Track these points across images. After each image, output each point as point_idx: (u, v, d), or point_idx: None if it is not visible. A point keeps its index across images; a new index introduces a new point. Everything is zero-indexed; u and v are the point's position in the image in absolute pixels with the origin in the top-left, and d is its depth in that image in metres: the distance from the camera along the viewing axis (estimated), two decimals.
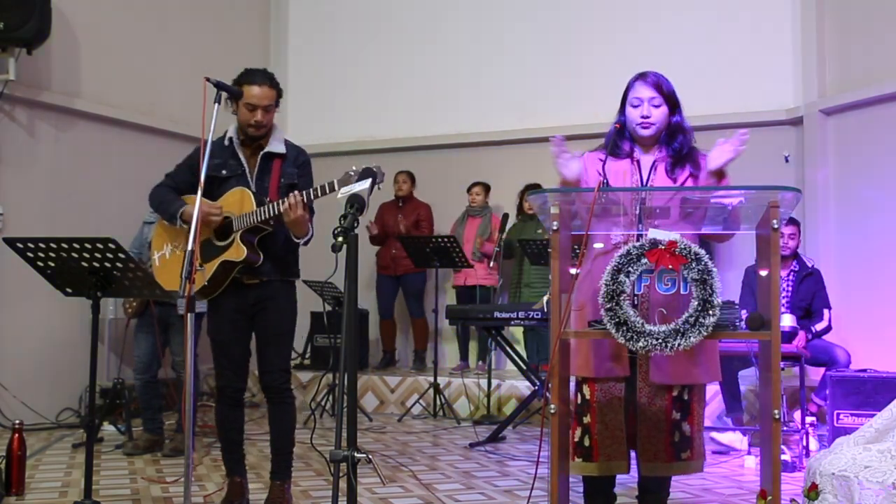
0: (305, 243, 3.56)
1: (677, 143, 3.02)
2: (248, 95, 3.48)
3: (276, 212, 3.40)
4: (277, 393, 3.64)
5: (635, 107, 3.00)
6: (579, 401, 3.03)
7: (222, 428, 3.71)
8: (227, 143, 3.61)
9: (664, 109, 3.00)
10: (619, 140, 3.05)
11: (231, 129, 3.64)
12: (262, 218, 3.43)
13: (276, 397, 3.65)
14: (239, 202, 3.49)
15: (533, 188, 5.07)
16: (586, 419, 3.00)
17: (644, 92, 2.98)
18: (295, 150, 3.68)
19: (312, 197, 3.38)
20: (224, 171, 3.56)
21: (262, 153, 3.59)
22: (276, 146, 3.61)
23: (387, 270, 7.56)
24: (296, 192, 3.40)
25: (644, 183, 3.01)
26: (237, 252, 3.46)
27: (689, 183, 2.98)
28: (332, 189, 3.30)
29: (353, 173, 3.23)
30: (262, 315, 3.60)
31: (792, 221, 5.48)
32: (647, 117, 2.98)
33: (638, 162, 3.04)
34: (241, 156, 3.59)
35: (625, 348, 2.91)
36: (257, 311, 3.60)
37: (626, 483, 3.66)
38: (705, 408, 3.12)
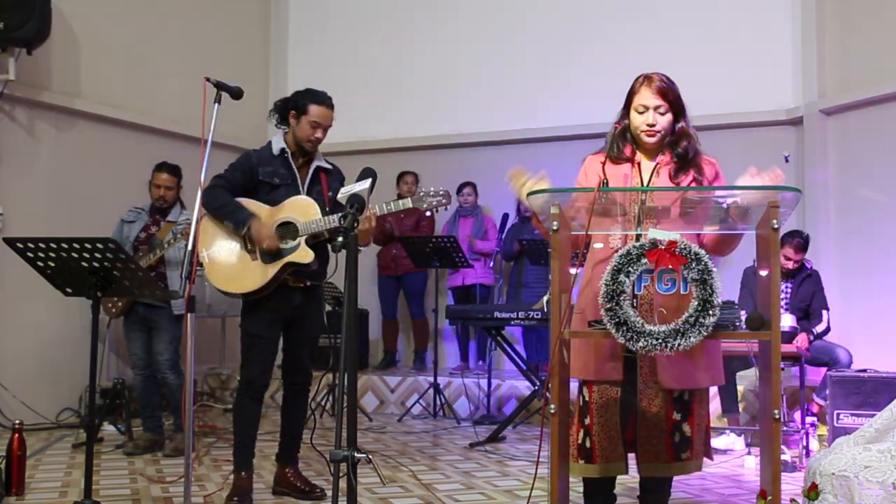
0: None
1: (682, 149, 2.98)
2: (316, 114, 3.79)
3: (338, 224, 3.57)
4: (305, 389, 3.97)
5: (640, 113, 2.95)
6: (581, 402, 3.03)
7: (241, 421, 3.80)
8: (276, 152, 3.82)
9: (669, 117, 2.96)
10: (621, 143, 3.01)
11: (277, 139, 3.86)
12: (331, 226, 3.61)
13: (302, 392, 3.96)
14: (303, 208, 3.72)
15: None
16: (587, 421, 3.00)
17: (650, 100, 2.92)
18: (336, 167, 4.02)
19: (385, 211, 3.65)
20: (276, 179, 3.78)
21: (314, 167, 3.87)
22: (323, 162, 3.95)
23: (387, 271, 7.55)
24: (371, 205, 3.57)
25: (644, 186, 2.98)
26: (304, 255, 3.67)
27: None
28: (406, 206, 3.69)
29: (430, 192, 3.66)
30: (303, 319, 3.85)
31: (802, 248, 5.47)
32: (653, 125, 2.94)
33: (639, 165, 3.01)
34: (293, 167, 3.83)
35: (620, 351, 2.91)
36: (297, 315, 3.82)
37: (627, 483, 3.66)
38: (708, 408, 3.10)
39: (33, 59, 5.97)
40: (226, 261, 3.72)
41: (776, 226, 2.59)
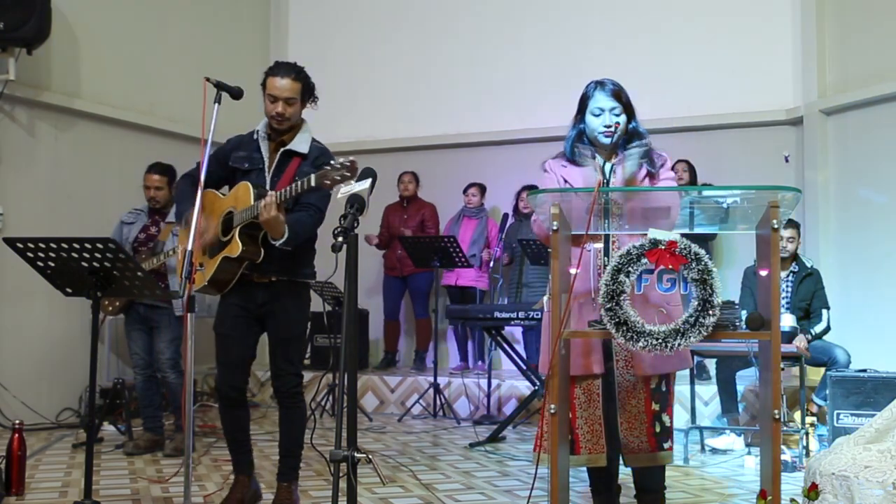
0: (285, 245, 3.39)
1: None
2: (270, 87, 3.48)
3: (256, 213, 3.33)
4: (287, 397, 3.62)
5: (597, 115, 3.12)
6: None
7: (225, 427, 3.69)
8: (254, 136, 3.60)
9: (624, 118, 3.12)
10: (580, 146, 3.16)
11: (261, 122, 3.62)
12: (254, 214, 3.35)
13: (287, 401, 3.63)
14: (241, 196, 3.45)
15: (531, 188, 5.09)
16: (569, 414, 3.05)
17: (605, 102, 3.11)
18: (318, 150, 3.57)
19: (286, 196, 3.30)
20: (247, 165, 3.54)
21: (282, 150, 3.55)
22: (298, 145, 3.55)
23: (394, 272, 7.56)
24: (271, 192, 3.33)
25: (606, 185, 3.09)
26: (233, 249, 3.38)
27: (647, 181, 3.09)
28: (308, 186, 3.23)
29: (331, 167, 3.16)
30: (271, 318, 3.57)
31: (792, 224, 5.47)
32: (610, 126, 3.10)
33: (601, 167, 3.14)
34: (262, 150, 3.57)
35: (599, 346, 3.01)
36: (266, 313, 3.56)
37: (625, 483, 3.66)
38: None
39: (33, 59, 5.97)
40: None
41: (776, 226, 2.60)
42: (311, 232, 3.55)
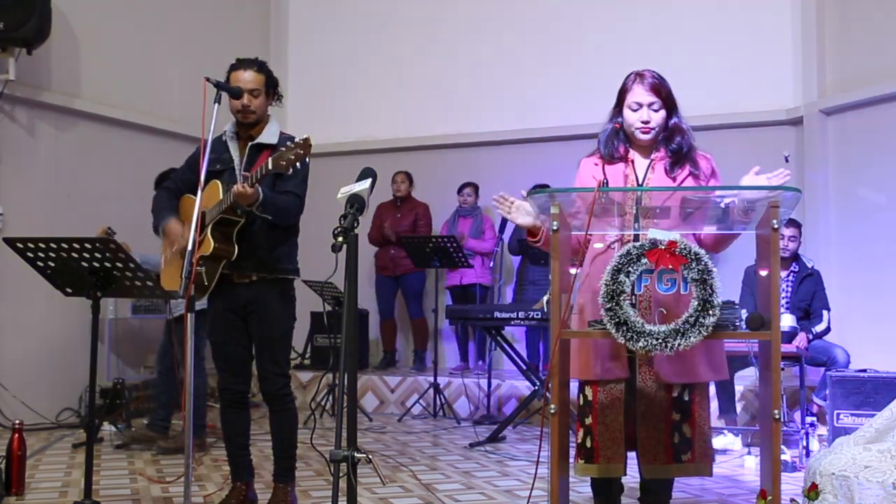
0: (265, 211, 3.33)
1: (676, 144, 2.99)
2: (234, 81, 3.48)
3: (231, 200, 3.30)
4: (275, 399, 3.56)
5: (634, 111, 2.96)
6: (581, 402, 3.02)
7: (224, 432, 3.67)
8: (223, 138, 3.58)
9: (663, 113, 2.97)
10: (615, 142, 3.02)
11: (228, 124, 3.61)
12: (223, 207, 3.32)
13: (275, 404, 3.57)
14: (211, 195, 3.41)
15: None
16: (588, 420, 2.98)
17: (644, 97, 2.94)
18: (287, 139, 3.46)
19: (251, 182, 3.26)
20: (218, 166, 3.50)
21: (250, 144, 3.52)
22: (266, 137, 3.53)
23: (385, 271, 7.56)
24: (239, 182, 3.29)
25: (641, 183, 2.98)
26: (206, 246, 3.32)
27: (689, 182, 2.95)
28: (266, 170, 3.24)
29: (285, 147, 3.18)
30: (253, 318, 3.51)
31: (793, 223, 5.48)
32: (647, 122, 2.95)
33: (633, 162, 3.03)
34: (231, 149, 3.54)
35: (624, 349, 2.89)
36: (249, 314, 3.51)
37: (627, 483, 3.66)
38: (709, 410, 3.05)
39: (33, 59, 5.96)
40: (171, 262, 3.59)
41: (776, 226, 2.60)
42: (290, 212, 3.48)
